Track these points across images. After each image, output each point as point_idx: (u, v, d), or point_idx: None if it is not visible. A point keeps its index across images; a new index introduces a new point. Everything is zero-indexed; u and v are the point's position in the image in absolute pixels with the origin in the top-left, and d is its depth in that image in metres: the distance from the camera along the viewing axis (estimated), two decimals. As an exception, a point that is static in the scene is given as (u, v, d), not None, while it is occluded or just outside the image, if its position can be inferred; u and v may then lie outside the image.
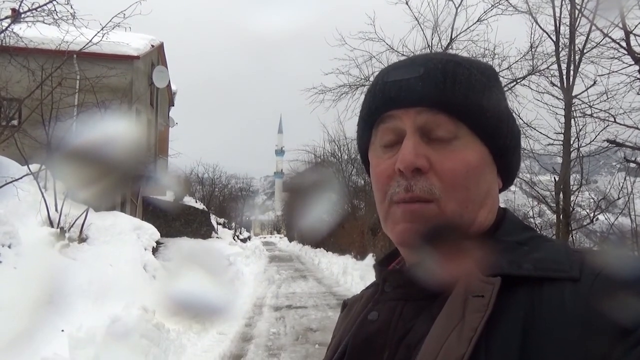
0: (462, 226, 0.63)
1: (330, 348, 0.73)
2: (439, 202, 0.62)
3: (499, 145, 0.66)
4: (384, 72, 0.70)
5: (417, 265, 0.62)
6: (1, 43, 7.19)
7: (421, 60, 0.67)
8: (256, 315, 8.69)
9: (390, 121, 0.65)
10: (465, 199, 0.62)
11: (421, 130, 0.63)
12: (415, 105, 0.63)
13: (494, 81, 0.68)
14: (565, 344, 0.49)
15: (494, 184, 0.67)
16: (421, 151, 0.62)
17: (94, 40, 7.97)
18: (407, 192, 0.62)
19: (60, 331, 4.70)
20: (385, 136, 0.66)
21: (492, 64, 8.42)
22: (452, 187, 0.62)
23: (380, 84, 0.67)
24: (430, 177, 0.62)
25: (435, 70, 0.64)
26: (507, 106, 0.70)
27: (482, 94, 0.64)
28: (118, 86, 11.19)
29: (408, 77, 0.65)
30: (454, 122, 0.63)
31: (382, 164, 0.66)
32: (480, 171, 0.64)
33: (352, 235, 17.04)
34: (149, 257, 8.23)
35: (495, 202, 0.68)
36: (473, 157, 0.63)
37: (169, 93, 19.36)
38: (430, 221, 0.62)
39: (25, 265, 5.41)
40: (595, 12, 5.47)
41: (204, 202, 24.88)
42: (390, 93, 0.65)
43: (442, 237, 0.61)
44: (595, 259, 0.56)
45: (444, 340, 0.54)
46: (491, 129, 0.64)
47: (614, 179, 6.15)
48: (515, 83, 8.16)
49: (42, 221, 7.28)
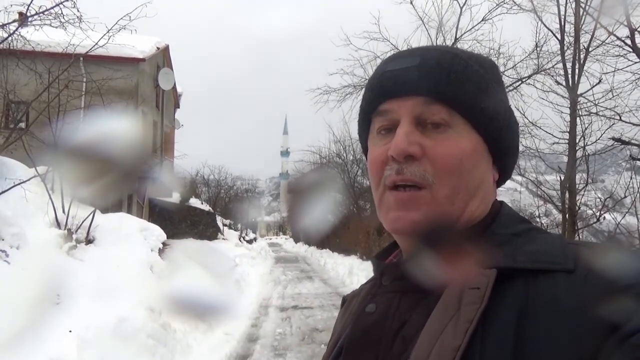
0: (453, 216, 0.63)
1: (331, 342, 0.74)
2: (431, 188, 0.62)
3: (495, 137, 0.66)
4: (383, 62, 0.71)
5: (414, 259, 0.62)
6: (9, 46, 7.25)
7: (419, 51, 0.68)
8: (262, 315, 8.70)
9: (386, 114, 0.67)
10: (458, 185, 0.63)
11: (416, 118, 0.64)
12: (411, 93, 0.64)
13: (491, 74, 0.68)
14: (558, 336, 0.50)
15: (487, 175, 0.68)
16: (414, 139, 0.63)
17: (100, 42, 8.02)
18: (398, 174, 0.63)
19: (68, 332, 4.74)
20: (381, 125, 0.68)
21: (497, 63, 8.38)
22: (445, 173, 0.62)
23: (379, 74, 0.69)
24: (423, 162, 0.63)
25: (432, 60, 0.65)
26: (505, 99, 0.70)
27: (479, 85, 0.65)
28: (124, 88, 11.26)
29: (405, 66, 0.66)
30: (449, 111, 0.64)
31: (377, 150, 0.67)
32: (474, 160, 0.64)
33: (357, 236, 17.02)
34: (156, 258, 8.27)
35: (489, 194, 0.68)
36: (467, 145, 0.64)
37: (174, 95, 19.43)
38: (422, 209, 0.62)
39: (33, 266, 5.45)
40: (600, 10, 5.44)
41: (210, 204, 24.92)
42: (388, 82, 0.67)
43: (438, 235, 0.62)
44: (591, 252, 0.56)
45: (439, 332, 0.54)
46: (486, 120, 0.65)
47: (621, 177, 6.11)
48: (520, 82, 8.13)
49: (50, 223, 7.33)
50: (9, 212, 6.02)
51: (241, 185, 35.92)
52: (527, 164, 7.33)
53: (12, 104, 8.23)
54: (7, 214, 5.90)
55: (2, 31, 6.99)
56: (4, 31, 7.01)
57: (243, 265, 13.82)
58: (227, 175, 32.68)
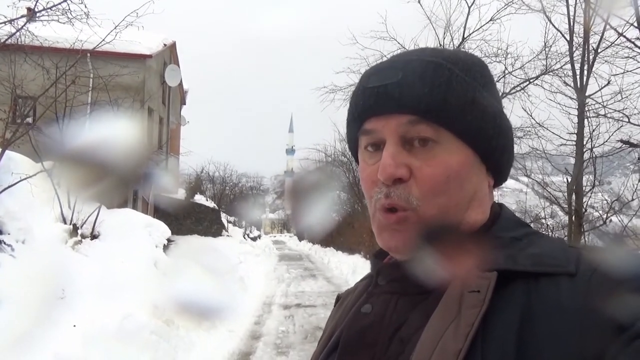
0: (452, 223, 0.63)
1: (323, 339, 0.73)
2: (416, 211, 0.61)
3: (485, 147, 0.64)
4: (365, 75, 0.68)
5: (412, 261, 0.61)
6: (17, 41, 7.29)
7: (400, 64, 0.65)
8: (265, 313, 8.72)
9: (371, 133, 0.65)
10: (446, 204, 0.62)
11: (401, 138, 0.63)
12: (394, 112, 0.63)
13: (480, 79, 0.66)
14: (562, 339, 0.49)
15: (482, 184, 0.66)
16: (401, 160, 0.62)
17: (107, 39, 8.04)
18: (387, 198, 0.63)
19: (72, 326, 4.76)
20: (367, 143, 0.67)
21: (504, 63, 8.32)
22: (431, 194, 0.61)
23: (361, 90, 0.67)
24: (410, 185, 0.62)
25: (413, 75, 0.63)
26: (496, 103, 0.68)
27: (464, 96, 0.63)
28: (131, 84, 11.27)
29: (386, 82, 0.64)
30: (434, 127, 0.62)
31: (367, 169, 0.66)
32: (463, 174, 0.63)
33: (361, 234, 17.01)
34: (160, 255, 8.29)
35: (485, 202, 0.67)
36: (455, 160, 0.62)
37: (180, 91, 19.46)
38: (410, 230, 0.62)
39: (39, 261, 5.48)
40: (610, 11, 5.39)
41: (215, 201, 24.97)
42: (370, 100, 0.65)
43: (438, 237, 0.61)
44: (592, 254, 0.56)
45: (440, 336, 0.53)
46: (474, 131, 0.63)
47: (628, 180, 6.07)
48: (528, 83, 8.10)
49: (55, 218, 7.37)
50: (16, 207, 6.05)
51: (246, 182, 36.01)
52: (533, 165, 7.30)
53: (20, 99, 8.26)
54: (13, 208, 5.93)
55: (10, 26, 7.02)
56: (12, 26, 7.05)
57: (247, 263, 13.85)
58: (232, 172, 32.78)
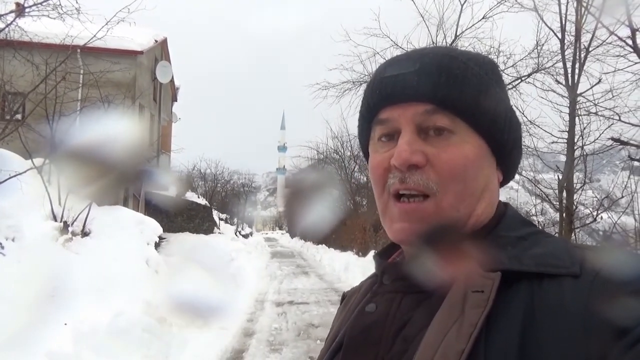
0: (459, 222, 0.63)
1: (329, 338, 0.73)
2: (435, 196, 0.62)
3: (497, 139, 0.66)
4: (381, 67, 0.70)
5: (417, 260, 0.62)
6: (6, 37, 7.20)
7: (417, 55, 0.67)
8: (258, 310, 8.71)
9: (387, 122, 0.66)
10: (463, 191, 0.62)
11: (417, 126, 0.63)
12: (411, 100, 0.64)
13: (492, 74, 0.67)
14: (565, 340, 0.49)
15: (492, 177, 0.67)
16: (417, 147, 0.62)
17: (98, 35, 7.97)
18: (402, 183, 0.62)
19: (64, 325, 4.73)
20: (382, 133, 0.67)
21: (496, 61, 8.38)
22: (449, 180, 0.62)
23: (378, 79, 0.68)
24: (427, 171, 0.62)
25: (431, 65, 0.64)
26: (506, 99, 0.70)
27: (479, 88, 0.64)
28: (122, 81, 11.18)
29: (404, 72, 0.65)
30: (450, 117, 0.63)
31: (378, 157, 0.66)
32: (478, 165, 0.64)
33: (354, 231, 17.04)
34: (152, 252, 8.25)
35: (494, 196, 0.67)
36: (470, 150, 0.63)
37: (172, 88, 19.34)
38: (427, 220, 0.62)
39: (29, 259, 5.43)
40: (602, 10, 5.43)
41: (206, 198, 24.88)
42: (387, 89, 0.65)
43: (441, 237, 0.61)
44: (597, 256, 0.56)
45: (443, 336, 0.54)
46: (488, 124, 0.64)
47: (618, 177, 6.13)
48: (520, 81, 8.14)
49: (46, 215, 7.30)
50: (6, 204, 5.99)
51: (238, 179, 35.95)
52: (524, 162, 7.35)
53: (9, 95, 8.17)
54: (3, 205, 5.87)
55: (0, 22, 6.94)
56: (1, 22, 6.96)
57: (239, 260, 13.82)
58: (224, 169, 32.70)
